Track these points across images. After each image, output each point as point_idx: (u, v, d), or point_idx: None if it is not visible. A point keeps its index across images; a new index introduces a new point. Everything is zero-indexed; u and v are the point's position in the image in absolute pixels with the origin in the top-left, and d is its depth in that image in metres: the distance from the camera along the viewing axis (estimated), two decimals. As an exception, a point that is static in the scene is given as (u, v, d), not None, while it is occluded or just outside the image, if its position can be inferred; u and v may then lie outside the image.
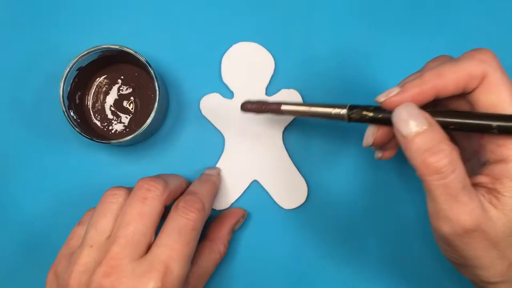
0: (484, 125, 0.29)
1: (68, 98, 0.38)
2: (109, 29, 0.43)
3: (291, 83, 0.42)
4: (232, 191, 0.42)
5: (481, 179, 0.30)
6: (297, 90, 0.42)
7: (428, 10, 0.43)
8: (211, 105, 0.42)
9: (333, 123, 0.42)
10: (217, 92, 0.43)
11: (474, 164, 0.33)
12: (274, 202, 0.42)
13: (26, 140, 0.42)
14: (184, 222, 0.33)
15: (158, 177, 0.35)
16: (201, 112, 0.42)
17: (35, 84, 0.42)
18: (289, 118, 0.42)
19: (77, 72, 0.39)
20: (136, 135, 0.38)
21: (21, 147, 0.42)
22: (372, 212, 0.42)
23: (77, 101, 0.40)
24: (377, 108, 0.32)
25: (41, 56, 0.42)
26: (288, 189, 0.42)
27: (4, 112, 0.42)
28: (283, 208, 0.42)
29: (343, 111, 0.33)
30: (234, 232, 0.42)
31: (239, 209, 0.41)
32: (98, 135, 0.41)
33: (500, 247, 0.30)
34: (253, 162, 0.42)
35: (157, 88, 0.38)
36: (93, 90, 0.42)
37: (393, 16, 0.43)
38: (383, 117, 0.31)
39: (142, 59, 0.38)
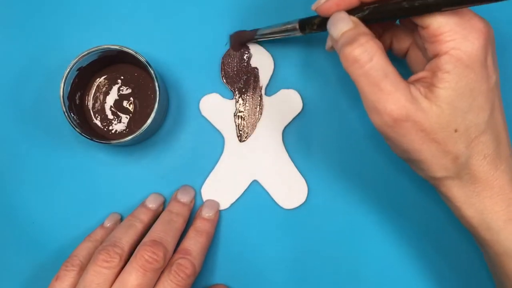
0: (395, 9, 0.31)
1: (68, 98, 0.38)
2: (109, 29, 0.43)
3: (291, 83, 0.42)
4: (232, 191, 0.42)
5: (421, 74, 0.31)
6: (297, 90, 0.42)
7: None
8: (211, 105, 0.43)
9: (333, 121, 0.42)
10: (216, 92, 0.43)
11: None
12: (274, 202, 0.42)
13: (26, 140, 0.42)
14: None
15: (160, 244, 0.36)
16: (200, 112, 0.43)
17: (35, 85, 0.42)
18: (289, 118, 0.42)
19: (77, 72, 0.39)
20: (136, 135, 0.38)
21: (21, 147, 0.42)
22: (372, 212, 0.42)
23: (77, 101, 0.40)
24: (321, 18, 0.35)
25: (41, 57, 0.42)
26: (288, 189, 0.42)
27: (4, 112, 0.42)
28: (283, 208, 0.42)
29: (296, 24, 0.37)
30: (234, 231, 0.42)
31: (221, 286, 0.42)
32: (98, 135, 0.41)
33: (440, 140, 0.30)
34: (253, 162, 0.42)
35: (157, 88, 0.38)
36: (93, 91, 0.42)
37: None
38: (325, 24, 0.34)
39: (142, 59, 0.38)
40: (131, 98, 0.41)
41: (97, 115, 0.41)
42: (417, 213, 0.42)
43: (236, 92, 0.42)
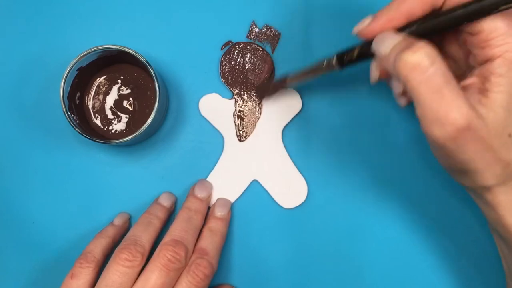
0: (452, 18, 0.29)
1: (68, 98, 0.38)
2: (109, 29, 0.43)
3: (291, 83, 0.43)
4: (232, 191, 0.42)
5: (471, 80, 0.31)
6: (296, 90, 0.42)
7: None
8: (210, 105, 0.43)
9: (332, 121, 0.42)
10: (216, 92, 0.43)
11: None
12: (274, 201, 0.42)
13: (26, 140, 0.42)
14: None
15: (181, 243, 0.36)
16: (200, 112, 0.43)
17: (35, 85, 0.42)
18: (288, 117, 0.42)
19: (77, 72, 0.39)
20: (136, 135, 0.38)
21: (21, 147, 0.42)
22: (372, 211, 0.42)
23: (77, 101, 0.40)
24: (361, 45, 0.33)
25: (41, 57, 0.42)
26: (288, 188, 0.42)
27: (4, 112, 0.42)
28: (283, 208, 0.42)
29: (333, 59, 0.35)
30: (234, 231, 0.42)
31: (227, 286, 0.42)
32: (98, 135, 0.41)
33: (495, 148, 0.29)
34: (253, 162, 0.42)
35: (157, 88, 0.38)
36: (93, 91, 0.42)
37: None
38: (367, 50, 0.32)
39: (142, 59, 0.38)
40: (131, 98, 0.41)
41: (97, 115, 0.42)
42: (418, 212, 0.42)
43: (236, 92, 0.43)
